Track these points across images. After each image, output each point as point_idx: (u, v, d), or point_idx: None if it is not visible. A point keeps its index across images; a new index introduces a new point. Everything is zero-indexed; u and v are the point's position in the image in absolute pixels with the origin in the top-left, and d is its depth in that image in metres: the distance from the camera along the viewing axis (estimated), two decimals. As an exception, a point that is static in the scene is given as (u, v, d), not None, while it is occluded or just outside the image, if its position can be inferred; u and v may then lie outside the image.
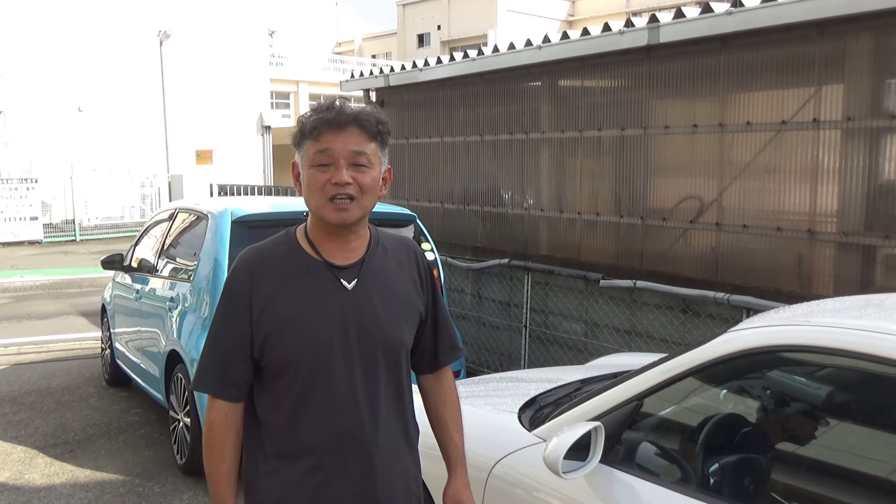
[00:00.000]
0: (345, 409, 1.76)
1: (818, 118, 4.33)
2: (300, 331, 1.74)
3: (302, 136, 1.76)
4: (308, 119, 1.76)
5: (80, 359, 7.45)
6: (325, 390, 1.75)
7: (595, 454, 2.23)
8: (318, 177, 1.73)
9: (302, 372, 1.74)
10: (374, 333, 1.79)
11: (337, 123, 1.72)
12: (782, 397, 2.49)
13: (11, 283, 12.20)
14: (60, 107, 21.84)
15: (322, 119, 1.73)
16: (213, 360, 1.80)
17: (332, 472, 1.76)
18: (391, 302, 1.83)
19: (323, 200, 1.73)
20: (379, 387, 1.80)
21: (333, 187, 1.71)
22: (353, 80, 8.24)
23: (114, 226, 20.59)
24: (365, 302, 1.79)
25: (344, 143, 1.72)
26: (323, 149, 1.72)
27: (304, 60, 36.17)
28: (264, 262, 1.80)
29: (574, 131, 5.81)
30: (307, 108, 10.33)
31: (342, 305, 1.77)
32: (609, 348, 5.31)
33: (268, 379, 1.79)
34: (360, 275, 1.80)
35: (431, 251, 5.10)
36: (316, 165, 1.73)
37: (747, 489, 2.23)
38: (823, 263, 4.46)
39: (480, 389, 3.46)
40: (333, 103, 1.76)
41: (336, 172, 1.71)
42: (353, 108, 1.76)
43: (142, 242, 6.15)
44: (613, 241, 5.59)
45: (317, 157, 1.73)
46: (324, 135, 1.72)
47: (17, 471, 4.74)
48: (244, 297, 1.76)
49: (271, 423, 1.79)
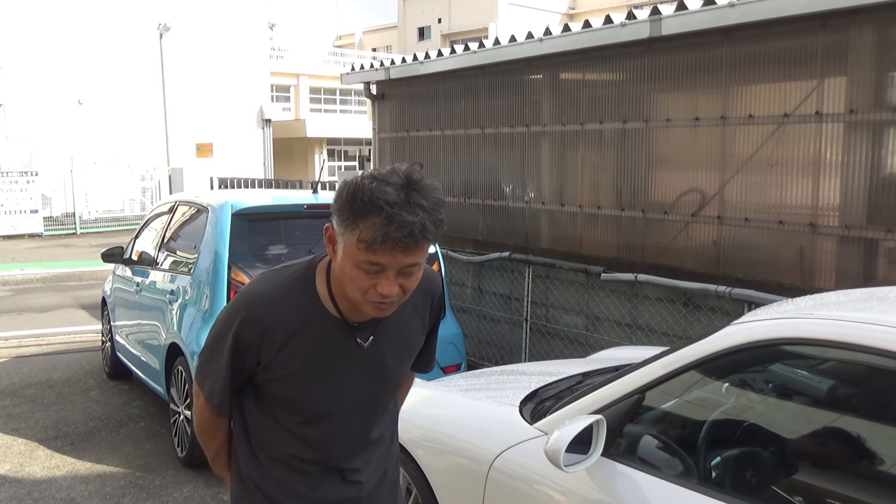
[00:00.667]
0: (340, 442, 1.77)
1: (821, 111, 4.32)
2: (305, 385, 1.70)
3: (355, 221, 1.47)
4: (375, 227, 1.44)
5: (81, 352, 7.45)
6: (324, 426, 1.75)
7: (597, 447, 2.22)
8: (362, 280, 1.52)
9: (304, 414, 1.74)
10: (382, 380, 1.79)
11: (405, 248, 1.47)
12: (784, 390, 2.48)
13: (12, 276, 12.19)
14: (60, 100, 21.82)
15: (390, 239, 1.44)
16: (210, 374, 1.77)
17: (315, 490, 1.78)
18: (401, 349, 1.82)
19: (361, 298, 1.56)
20: (377, 419, 1.83)
21: (378, 295, 1.54)
22: (353, 73, 8.21)
23: (114, 219, 20.58)
24: (377, 358, 1.75)
25: (401, 261, 1.50)
26: (375, 262, 1.49)
27: (304, 53, 36.10)
28: (278, 315, 1.64)
29: (575, 124, 5.79)
30: (307, 102, 10.15)
31: (355, 364, 1.73)
32: (610, 342, 5.31)
33: (266, 404, 1.76)
34: (376, 332, 1.73)
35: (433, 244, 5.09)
36: (362, 268, 1.51)
37: (749, 483, 2.22)
38: (825, 257, 4.45)
39: (481, 383, 3.45)
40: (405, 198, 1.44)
41: (385, 284, 1.52)
42: (428, 220, 1.46)
43: (142, 235, 6.14)
44: (615, 234, 5.57)
45: (367, 266, 1.51)
46: (385, 253, 1.47)
47: (17, 463, 4.74)
48: (252, 347, 1.66)
49: (260, 428, 1.78)
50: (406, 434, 2.99)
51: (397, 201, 1.44)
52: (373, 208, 1.44)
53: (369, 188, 1.45)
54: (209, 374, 1.76)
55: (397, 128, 7.81)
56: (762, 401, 2.50)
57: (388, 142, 7.99)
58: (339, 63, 35.94)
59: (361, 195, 1.46)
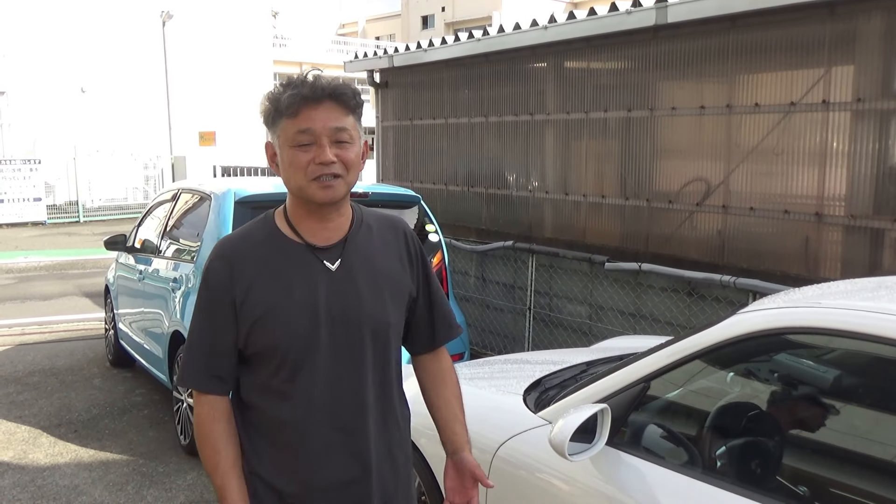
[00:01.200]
0: (333, 390, 1.72)
1: (827, 100, 4.28)
2: (285, 317, 1.69)
3: (277, 113, 1.68)
4: (282, 95, 1.66)
5: (84, 339, 7.46)
6: (313, 373, 1.71)
7: (601, 436, 2.21)
8: (300, 157, 1.66)
9: (290, 357, 1.70)
10: (360, 314, 1.74)
11: (314, 99, 1.65)
12: (790, 380, 2.47)
13: (15, 264, 12.21)
14: (63, 88, 21.78)
15: (298, 95, 1.64)
16: (197, 356, 1.75)
17: (323, 452, 1.73)
18: (376, 281, 1.78)
19: (306, 181, 1.66)
20: (367, 367, 1.76)
21: (318, 167, 1.65)
22: (357, 61, 8.18)
23: (117, 207, 20.58)
24: (349, 282, 1.74)
25: (324, 120, 1.65)
26: (303, 129, 1.65)
27: (307, 42, 36.03)
28: (242, 251, 1.74)
29: (580, 113, 5.76)
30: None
31: (326, 288, 1.72)
32: (614, 331, 5.30)
33: (256, 366, 1.74)
34: (343, 255, 1.75)
35: (436, 233, 5.07)
36: (297, 146, 1.66)
37: (754, 472, 2.22)
38: (831, 247, 4.42)
39: (485, 371, 3.44)
40: (306, 77, 1.67)
41: (320, 151, 1.65)
42: (328, 80, 1.68)
43: (145, 223, 6.13)
44: (619, 223, 5.55)
45: (297, 137, 1.65)
46: (301, 112, 1.65)
47: (21, 450, 4.75)
48: (225, 289, 1.71)
49: (257, 405, 1.75)
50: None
51: (304, 80, 1.68)
52: (285, 91, 1.67)
53: (279, 88, 1.70)
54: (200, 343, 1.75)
55: (401, 116, 7.78)
56: (767, 390, 2.49)
57: (391, 130, 7.96)
58: (342, 51, 35.86)
59: (274, 94, 1.69)
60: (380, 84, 7.97)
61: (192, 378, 1.77)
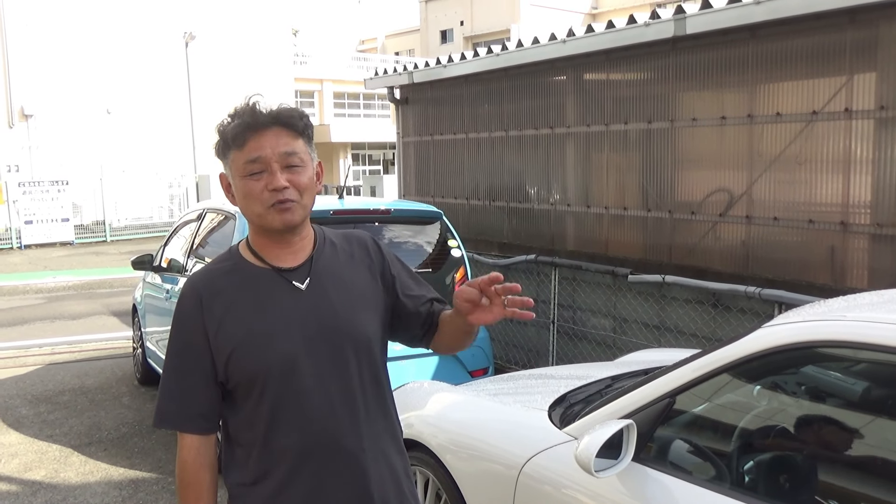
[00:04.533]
0: (320, 413, 1.68)
1: (850, 108, 4.25)
2: (262, 342, 1.67)
3: (225, 145, 1.69)
4: (228, 127, 1.68)
5: (113, 358, 7.56)
6: (297, 398, 1.68)
7: (627, 452, 2.21)
8: (253, 186, 1.66)
9: (271, 383, 1.67)
10: (338, 329, 1.71)
11: (259, 126, 1.65)
12: (818, 393, 2.44)
13: (45, 284, 12.40)
14: (89, 110, 22.15)
15: (242, 124, 1.66)
16: (174, 393, 1.71)
17: (319, 479, 1.69)
18: (349, 295, 1.76)
19: (263, 208, 1.66)
20: (353, 385, 1.72)
21: (272, 194, 1.65)
22: (377, 78, 8.25)
23: (143, 226, 20.85)
24: (321, 299, 1.72)
25: (272, 146, 1.65)
26: (252, 158, 1.65)
27: (327, 59, 36.31)
28: (211, 282, 1.73)
29: (600, 125, 5.77)
30: (331, 107, 10.36)
31: (299, 307, 1.70)
32: (638, 344, 5.27)
33: (238, 398, 1.71)
34: (312, 274, 1.74)
35: (458, 248, 5.09)
36: (248, 175, 1.66)
37: (783, 487, 2.20)
38: (857, 256, 4.38)
39: (509, 387, 3.45)
40: (249, 106, 1.68)
41: (271, 178, 1.65)
42: (271, 107, 1.69)
43: (171, 243, 6.22)
44: (641, 235, 5.54)
45: (248, 167, 1.65)
46: (248, 142, 1.65)
47: (52, 469, 4.81)
48: (196, 321, 1.69)
49: (248, 441, 1.72)
50: (435, 439, 3.00)
51: (246, 108, 1.69)
52: (232, 122, 1.69)
53: (226, 119, 1.71)
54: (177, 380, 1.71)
55: (421, 131, 7.83)
56: (795, 404, 2.47)
57: (412, 146, 8.01)
58: (362, 67, 36.10)
59: (223, 127, 1.71)
60: (400, 100, 8.03)
61: (171, 419, 1.72)
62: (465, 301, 1.67)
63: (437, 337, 1.91)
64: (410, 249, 4.99)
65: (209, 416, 1.72)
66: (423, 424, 3.11)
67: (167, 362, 1.75)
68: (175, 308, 1.75)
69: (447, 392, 3.38)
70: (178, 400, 1.71)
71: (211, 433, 1.74)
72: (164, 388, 1.74)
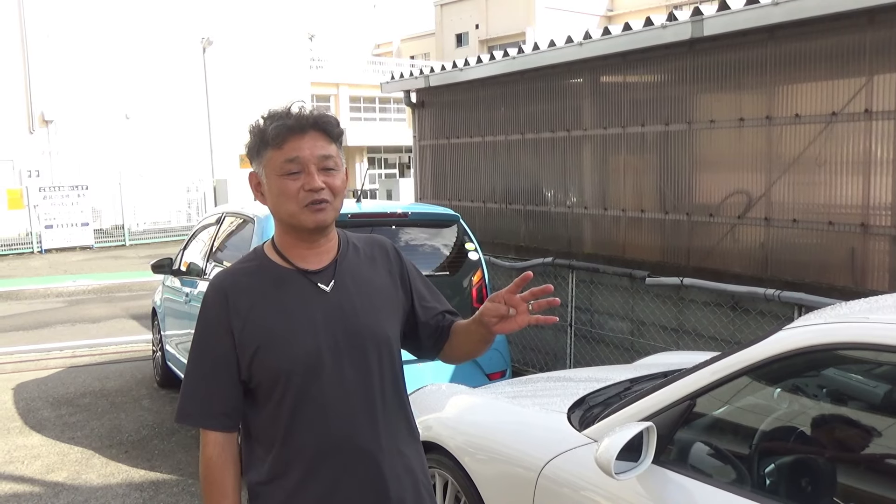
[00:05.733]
0: (340, 412, 1.71)
1: (870, 109, 4.23)
2: (285, 342, 1.70)
3: (262, 144, 1.72)
4: (268, 127, 1.71)
5: (132, 361, 7.62)
6: (319, 398, 1.70)
7: (647, 455, 2.21)
8: (289, 185, 1.69)
9: (293, 383, 1.69)
10: (360, 331, 1.75)
11: (300, 129, 1.69)
12: (839, 396, 2.43)
13: (65, 288, 12.52)
14: (108, 115, 22.39)
15: (283, 126, 1.69)
16: (198, 390, 1.74)
17: (336, 478, 1.71)
18: (371, 297, 1.80)
19: (298, 207, 1.69)
20: (374, 384, 1.75)
21: (308, 194, 1.68)
22: (393, 82, 8.28)
23: (161, 230, 21.02)
24: (345, 301, 1.75)
25: (311, 148, 1.69)
26: (291, 157, 1.68)
27: (343, 63, 36.50)
28: (236, 282, 1.76)
29: (617, 127, 5.76)
30: (347, 111, 10.42)
31: (323, 309, 1.73)
32: (657, 347, 5.25)
33: (260, 397, 1.73)
34: (336, 276, 1.77)
35: (475, 251, 5.09)
36: (285, 174, 1.69)
37: (804, 490, 2.19)
38: (878, 258, 4.34)
39: (528, 389, 3.45)
40: (289, 109, 1.72)
41: (308, 178, 1.68)
42: (311, 111, 1.73)
43: (190, 246, 6.26)
44: (659, 237, 5.52)
45: (285, 166, 1.69)
46: (287, 142, 1.69)
47: (74, 471, 4.86)
48: (221, 319, 1.71)
49: (268, 439, 1.74)
50: (453, 441, 3.01)
51: (288, 112, 1.73)
52: (270, 123, 1.71)
53: (263, 121, 1.74)
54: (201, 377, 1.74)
55: (437, 135, 7.85)
56: (816, 406, 2.45)
57: (428, 149, 8.03)
58: (377, 71, 36.24)
59: (259, 127, 1.74)
60: (416, 104, 8.05)
61: (194, 416, 1.75)
62: (494, 317, 1.74)
63: (448, 347, 1.94)
64: (427, 253, 5.00)
65: (231, 413, 1.74)
66: (441, 427, 3.11)
67: (191, 359, 1.77)
68: (200, 306, 1.78)
69: (465, 394, 3.38)
70: (201, 397, 1.74)
71: (233, 431, 1.76)
72: (187, 385, 1.77)
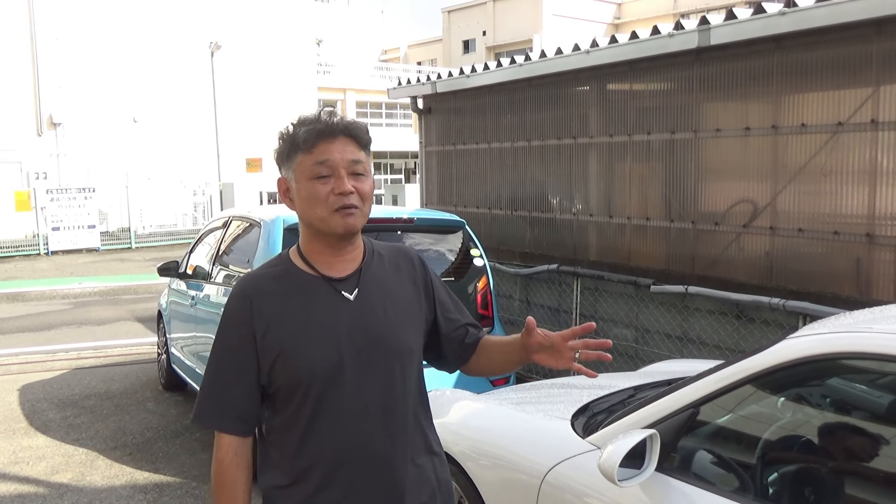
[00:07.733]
0: (359, 421, 1.71)
1: (876, 119, 4.23)
2: (307, 349, 1.69)
3: (292, 148, 1.73)
4: (299, 132, 1.72)
5: (138, 363, 7.65)
6: (339, 405, 1.70)
7: (651, 462, 2.21)
8: (319, 189, 1.69)
9: (314, 390, 1.69)
10: (383, 340, 1.75)
11: (330, 133, 1.71)
12: (842, 405, 2.43)
13: (71, 290, 12.56)
14: (116, 118, 22.47)
15: (314, 130, 1.70)
16: (215, 391, 1.74)
17: (352, 486, 1.70)
18: (395, 307, 1.80)
19: (327, 212, 1.70)
20: (395, 395, 1.75)
21: (338, 198, 1.69)
22: (400, 88, 8.31)
23: (168, 233, 21.08)
24: (368, 310, 1.75)
25: (341, 152, 1.70)
26: (321, 160, 1.69)
27: (350, 68, 36.58)
28: (261, 288, 1.75)
29: (623, 135, 5.77)
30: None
31: (346, 317, 1.73)
32: (661, 355, 5.25)
33: (279, 402, 1.73)
34: (360, 284, 1.77)
35: (481, 257, 5.11)
36: (315, 178, 1.70)
37: (807, 500, 2.19)
38: (883, 268, 4.34)
39: (532, 396, 3.45)
40: (320, 114, 1.74)
41: (338, 182, 1.69)
42: (342, 118, 1.75)
43: (196, 250, 6.29)
44: (664, 245, 5.53)
45: (316, 169, 1.69)
46: (318, 146, 1.70)
47: (79, 472, 4.88)
48: (244, 322, 1.71)
49: (285, 444, 1.73)
50: (457, 446, 3.02)
51: (318, 118, 1.75)
52: (301, 129, 1.72)
53: (293, 127, 1.75)
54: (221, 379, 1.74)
55: (444, 141, 7.87)
56: (819, 416, 2.46)
57: (434, 155, 8.05)
58: (384, 77, 36.32)
59: (290, 132, 1.75)
60: (423, 110, 8.08)
61: (210, 417, 1.74)
62: (537, 344, 1.81)
63: (476, 362, 1.96)
64: (433, 258, 5.01)
65: (248, 418, 1.74)
66: (445, 432, 3.11)
67: (211, 361, 1.77)
68: (223, 309, 1.78)
69: (469, 400, 3.39)
70: (219, 399, 1.74)
71: (248, 435, 1.75)
72: (205, 386, 1.76)
